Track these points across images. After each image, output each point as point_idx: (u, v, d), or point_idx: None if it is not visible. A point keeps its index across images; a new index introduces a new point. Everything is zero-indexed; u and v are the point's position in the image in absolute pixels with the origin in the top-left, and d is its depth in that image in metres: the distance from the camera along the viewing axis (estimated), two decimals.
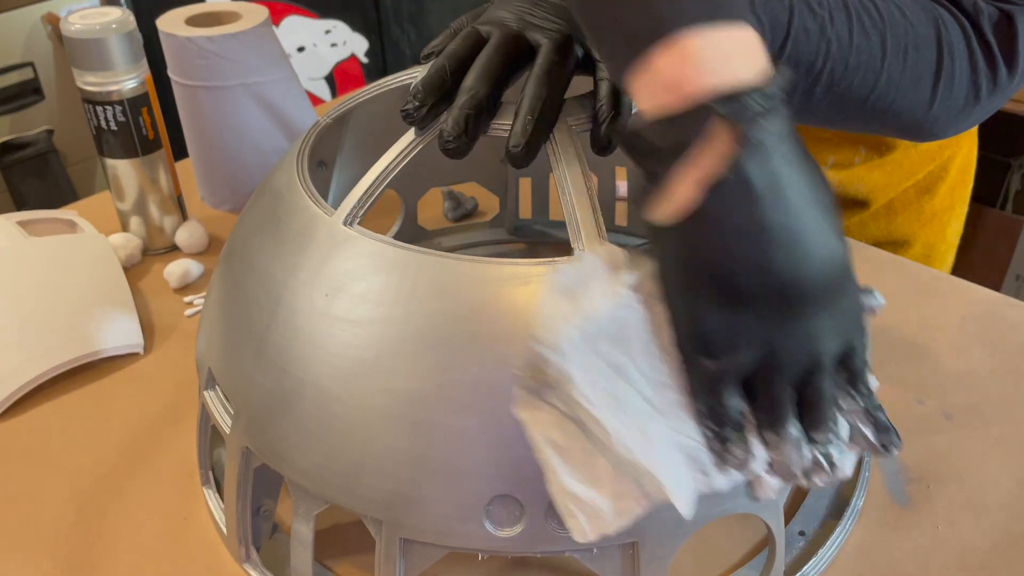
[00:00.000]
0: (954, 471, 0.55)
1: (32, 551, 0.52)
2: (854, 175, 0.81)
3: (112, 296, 0.71)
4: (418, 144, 0.46)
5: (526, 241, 0.79)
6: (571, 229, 0.42)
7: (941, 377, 0.63)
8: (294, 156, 0.50)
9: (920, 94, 0.53)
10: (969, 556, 0.50)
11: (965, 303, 0.71)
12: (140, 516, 0.54)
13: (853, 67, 0.50)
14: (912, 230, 0.85)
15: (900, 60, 0.51)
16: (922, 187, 0.83)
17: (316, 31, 1.94)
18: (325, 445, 0.42)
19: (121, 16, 0.71)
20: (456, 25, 0.50)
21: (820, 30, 0.49)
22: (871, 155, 0.80)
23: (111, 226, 0.80)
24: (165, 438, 0.60)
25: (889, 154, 0.80)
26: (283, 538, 0.52)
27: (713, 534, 0.51)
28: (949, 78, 0.52)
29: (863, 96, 0.51)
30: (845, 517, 0.52)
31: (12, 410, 0.62)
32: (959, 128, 0.56)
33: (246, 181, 0.84)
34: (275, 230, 0.46)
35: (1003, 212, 1.77)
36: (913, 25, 0.51)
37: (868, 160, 0.80)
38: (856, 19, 0.50)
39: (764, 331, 0.35)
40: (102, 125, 0.74)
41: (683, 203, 0.35)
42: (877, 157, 0.80)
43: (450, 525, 0.41)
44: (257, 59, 0.80)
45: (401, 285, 0.41)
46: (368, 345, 0.41)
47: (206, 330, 0.50)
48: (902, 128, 0.55)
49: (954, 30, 0.52)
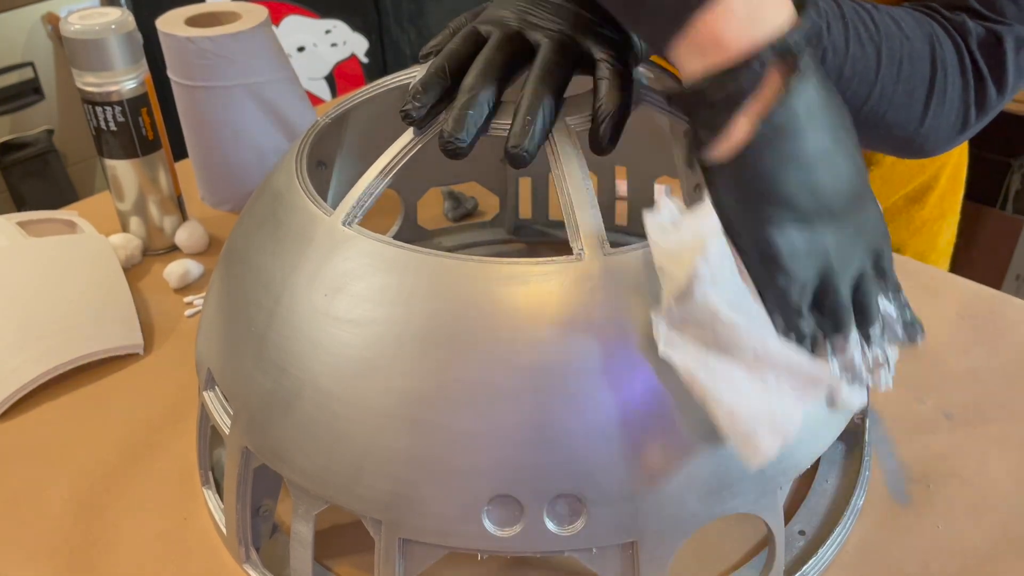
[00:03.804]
0: (954, 471, 0.55)
1: (32, 551, 0.52)
2: None
3: (112, 296, 0.71)
4: (418, 144, 0.46)
5: (526, 241, 0.79)
6: (570, 229, 0.42)
7: (941, 377, 0.63)
8: (293, 156, 0.50)
9: (913, 108, 0.53)
10: (969, 556, 0.50)
11: (965, 302, 0.70)
12: (140, 516, 0.54)
13: (848, 77, 0.50)
14: (902, 239, 0.85)
15: (894, 73, 0.51)
16: (911, 197, 0.83)
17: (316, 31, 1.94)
18: (325, 445, 0.42)
19: (121, 16, 0.71)
20: (455, 24, 0.50)
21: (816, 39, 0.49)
22: None
23: (111, 226, 0.80)
24: (165, 438, 0.60)
25: (876, 168, 0.80)
26: (283, 538, 0.52)
27: (713, 534, 0.51)
28: (941, 93, 0.53)
29: (856, 107, 0.52)
30: (845, 517, 0.52)
31: (12, 410, 0.62)
32: (948, 145, 0.56)
33: (246, 181, 0.84)
34: (274, 230, 0.46)
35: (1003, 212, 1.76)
36: (908, 39, 0.52)
37: None
38: (852, 30, 0.50)
39: (821, 242, 0.39)
40: (102, 125, 0.74)
41: (741, 139, 0.38)
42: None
43: (450, 525, 0.41)
44: (257, 59, 0.79)
45: (401, 285, 0.41)
46: (368, 345, 0.41)
47: (206, 330, 0.50)
48: (893, 142, 0.56)
49: (948, 47, 0.53)
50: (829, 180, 0.39)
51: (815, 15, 0.40)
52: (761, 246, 0.39)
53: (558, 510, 0.41)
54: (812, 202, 0.39)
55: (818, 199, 0.39)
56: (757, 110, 0.38)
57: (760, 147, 0.38)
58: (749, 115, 0.38)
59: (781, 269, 0.39)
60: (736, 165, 0.39)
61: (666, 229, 0.40)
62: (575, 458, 0.40)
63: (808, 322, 0.40)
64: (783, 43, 0.37)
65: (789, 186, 0.38)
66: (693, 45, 0.38)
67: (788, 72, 0.38)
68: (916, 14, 0.54)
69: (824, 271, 0.40)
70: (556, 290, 0.40)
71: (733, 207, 0.40)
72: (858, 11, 0.51)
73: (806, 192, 0.39)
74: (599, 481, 0.40)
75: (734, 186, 0.40)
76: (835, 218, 0.39)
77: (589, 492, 0.40)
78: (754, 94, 0.38)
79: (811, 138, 0.38)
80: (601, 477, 0.40)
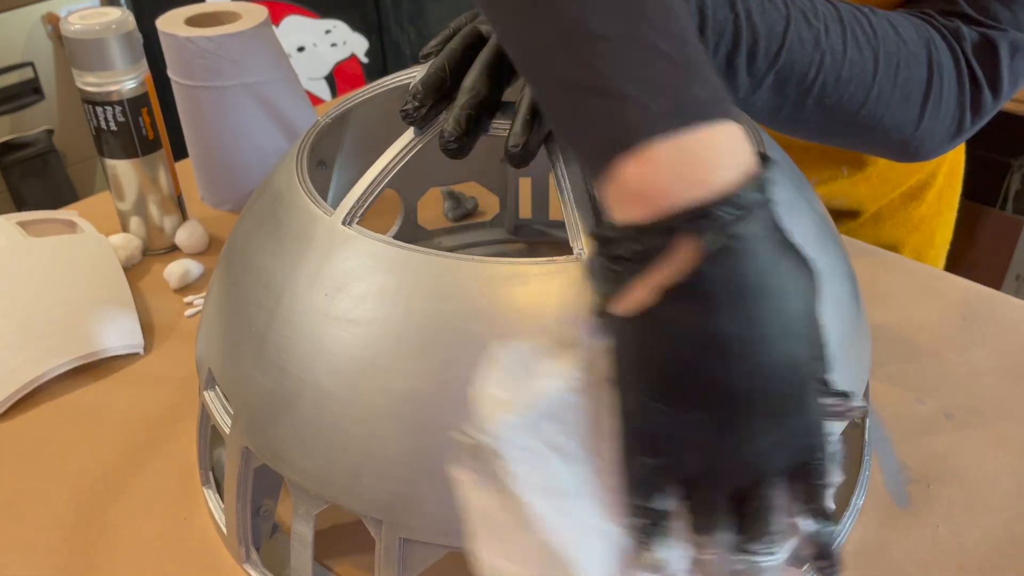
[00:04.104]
0: (954, 471, 0.55)
1: (32, 551, 0.52)
2: (839, 189, 0.81)
3: (112, 296, 0.71)
4: (418, 144, 0.46)
5: (526, 241, 0.79)
6: (570, 229, 0.42)
7: (941, 377, 0.63)
8: (294, 156, 0.50)
9: (909, 112, 0.53)
10: (969, 556, 0.50)
11: (965, 302, 0.70)
12: (140, 516, 0.54)
13: (845, 80, 0.50)
14: (900, 236, 0.85)
15: (891, 76, 0.51)
16: (909, 194, 0.83)
17: (316, 31, 1.94)
18: (325, 445, 0.42)
19: (121, 16, 0.71)
20: (455, 24, 0.50)
21: (815, 41, 0.49)
22: (854, 171, 0.80)
23: (111, 226, 0.80)
24: (165, 438, 0.60)
25: (874, 166, 0.80)
26: (283, 538, 0.52)
27: None
28: (937, 98, 0.53)
29: (853, 110, 0.52)
30: (845, 517, 0.52)
31: (12, 410, 0.62)
32: (943, 149, 0.56)
33: (246, 181, 0.84)
34: (275, 230, 0.46)
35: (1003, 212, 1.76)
36: (905, 43, 0.52)
37: (852, 175, 0.81)
38: (850, 33, 0.50)
39: (705, 439, 0.34)
40: (102, 125, 0.74)
41: (638, 303, 0.34)
42: (860, 172, 0.81)
43: (450, 525, 0.41)
44: (257, 59, 0.80)
45: (401, 285, 0.41)
46: (368, 345, 0.41)
47: (206, 330, 0.50)
48: (889, 145, 0.56)
49: (944, 52, 0.53)
50: (734, 374, 0.33)
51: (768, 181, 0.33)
52: (634, 418, 0.35)
53: None
54: (703, 393, 0.34)
55: (713, 391, 0.34)
56: (661, 278, 0.33)
57: (656, 316, 0.33)
58: (653, 280, 0.33)
59: (645, 449, 0.35)
60: (631, 324, 0.34)
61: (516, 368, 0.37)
62: None
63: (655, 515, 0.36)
64: (705, 213, 0.31)
65: (680, 368, 0.34)
66: (616, 191, 0.33)
67: (702, 246, 0.32)
68: (913, 19, 0.54)
69: (701, 469, 0.35)
70: (556, 290, 0.40)
71: (619, 362, 0.36)
72: (856, 15, 0.51)
73: (700, 380, 0.34)
74: None
75: (623, 342, 0.35)
76: (732, 416, 0.34)
77: None
78: (661, 261, 0.33)
79: (722, 322, 0.32)
80: None
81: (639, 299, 0.33)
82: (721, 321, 0.32)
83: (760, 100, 0.50)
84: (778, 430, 0.34)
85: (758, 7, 0.48)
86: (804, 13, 0.49)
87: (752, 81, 0.49)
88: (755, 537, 0.36)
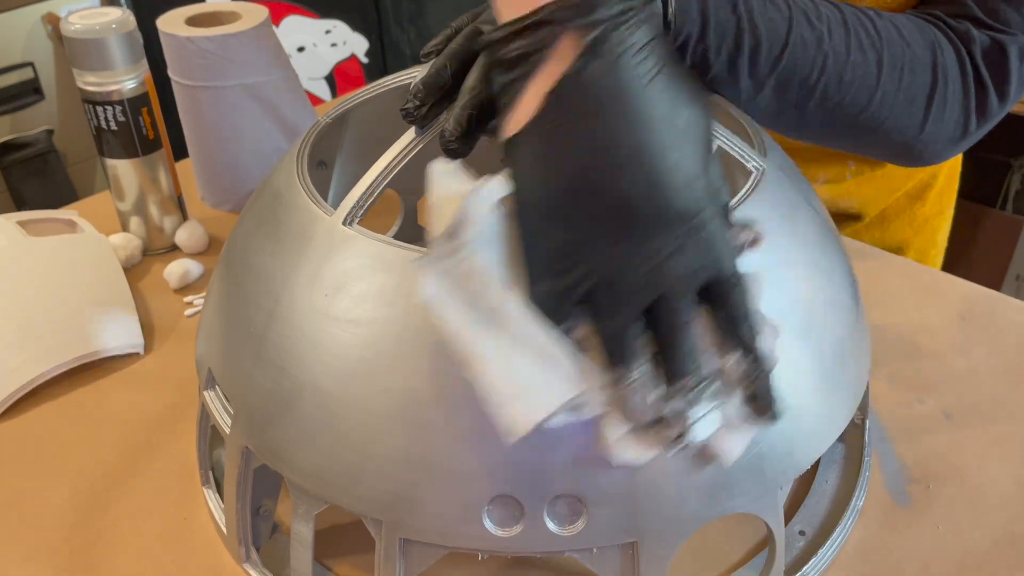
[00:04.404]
0: (954, 471, 0.55)
1: (32, 551, 0.52)
2: (845, 190, 0.81)
3: (112, 296, 0.71)
4: (418, 143, 0.46)
5: None
6: None
7: (941, 377, 0.63)
8: (294, 156, 0.50)
9: (913, 116, 0.53)
10: (969, 556, 0.50)
11: (965, 303, 0.71)
12: (140, 516, 0.54)
13: (848, 82, 0.50)
14: (905, 236, 0.85)
15: (895, 79, 0.51)
16: (912, 194, 0.83)
17: (316, 31, 1.94)
18: (325, 445, 0.42)
19: (121, 16, 0.71)
20: (457, 24, 0.50)
21: (817, 43, 0.49)
22: (861, 168, 0.80)
23: (111, 226, 0.80)
24: (165, 438, 0.60)
25: (879, 167, 0.81)
26: (283, 538, 0.52)
27: (713, 534, 0.51)
28: (942, 101, 0.53)
29: (856, 113, 0.51)
30: (845, 517, 0.52)
31: (12, 410, 0.62)
32: (947, 153, 0.56)
33: (246, 181, 0.84)
34: (274, 230, 0.46)
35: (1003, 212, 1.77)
36: (910, 46, 0.52)
37: (859, 174, 0.81)
38: (854, 36, 0.50)
39: (602, 251, 0.33)
40: (102, 125, 0.74)
41: (525, 114, 0.33)
42: (868, 170, 0.81)
43: (450, 525, 0.41)
44: (257, 59, 0.80)
45: (401, 285, 0.41)
46: (368, 345, 0.41)
47: (206, 330, 0.50)
48: (892, 149, 0.55)
49: (949, 55, 0.53)
50: (624, 182, 0.32)
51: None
52: (530, 239, 0.35)
53: (558, 510, 0.41)
54: (593, 202, 0.33)
55: (603, 200, 0.33)
56: (544, 80, 0.33)
57: (542, 125, 0.33)
58: (538, 84, 0.33)
59: (545, 271, 0.34)
60: (521, 142, 0.34)
61: (452, 176, 0.36)
62: (575, 458, 0.40)
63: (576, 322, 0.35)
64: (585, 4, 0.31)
65: (568, 179, 0.33)
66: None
67: (582, 41, 0.32)
68: (918, 21, 0.54)
69: (603, 284, 0.34)
70: None
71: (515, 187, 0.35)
72: (860, 17, 0.51)
73: (589, 189, 0.33)
74: (599, 481, 0.40)
75: (516, 164, 0.35)
76: (627, 225, 0.33)
77: (589, 492, 0.40)
78: (544, 59, 0.33)
79: (608, 127, 0.32)
80: (601, 477, 0.40)
81: (530, 108, 0.33)
82: (606, 124, 0.32)
83: (763, 102, 0.50)
84: (675, 241, 0.33)
85: (760, 9, 0.48)
86: (807, 15, 0.49)
87: (754, 83, 0.49)
88: (677, 372, 0.34)
